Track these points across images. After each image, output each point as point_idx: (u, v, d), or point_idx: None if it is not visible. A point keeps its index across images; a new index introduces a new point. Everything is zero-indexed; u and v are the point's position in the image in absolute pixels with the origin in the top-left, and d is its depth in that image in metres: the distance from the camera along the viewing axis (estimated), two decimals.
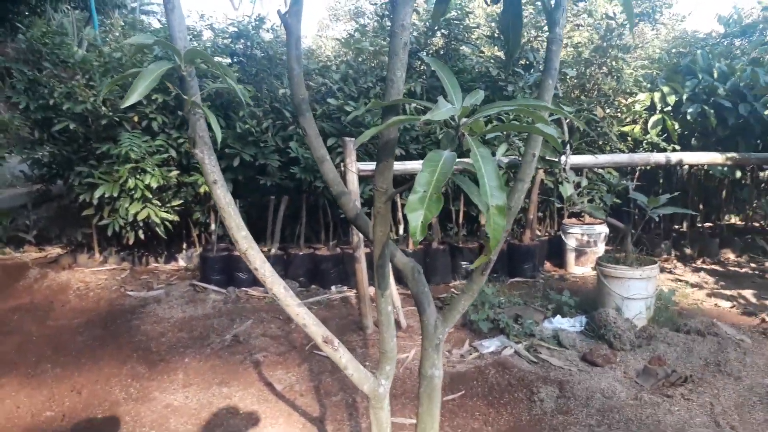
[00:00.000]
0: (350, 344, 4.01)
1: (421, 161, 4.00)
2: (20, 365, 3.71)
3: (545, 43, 5.97)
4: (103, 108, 5.19)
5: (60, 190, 6.20)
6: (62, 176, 5.66)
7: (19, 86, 5.16)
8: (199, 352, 3.95)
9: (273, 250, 5.46)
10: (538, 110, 1.35)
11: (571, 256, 5.88)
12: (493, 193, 1.15)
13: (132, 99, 1.21)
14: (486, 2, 1.63)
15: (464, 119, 1.26)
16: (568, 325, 4.11)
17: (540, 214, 6.47)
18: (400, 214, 5.53)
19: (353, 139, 3.96)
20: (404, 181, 5.88)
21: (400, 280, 5.20)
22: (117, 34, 6.67)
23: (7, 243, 5.97)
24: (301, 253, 5.45)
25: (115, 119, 5.27)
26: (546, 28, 6.43)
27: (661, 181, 6.53)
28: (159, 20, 12.34)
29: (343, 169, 3.94)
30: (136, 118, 5.38)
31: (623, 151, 6.06)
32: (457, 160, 1.20)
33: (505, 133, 4.58)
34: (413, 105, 3.35)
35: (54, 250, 6.03)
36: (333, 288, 5.34)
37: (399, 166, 3.92)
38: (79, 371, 3.65)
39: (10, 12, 11.40)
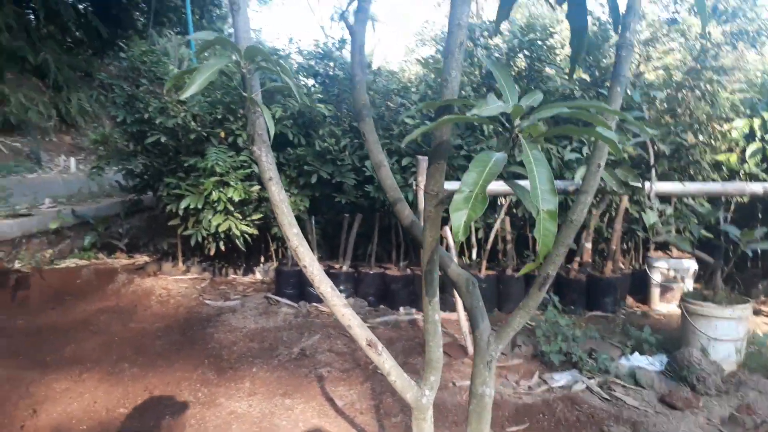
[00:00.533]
0: (414, 367, 3.95)
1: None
2: (102, 363, 3.92)
3: (633, 65, 5.67)
4: (193, 123, 5.48)
5: (150, 201, 6.58)
6: (152, 187, 6.00)
7: (118, 101, 5.55)
8: (266, 362, 4.02)
9: (344, 268, 5.50)
10: (601, 113, 1.28)
11: (655, 292, 5.53)
12: (544, 196, 1.09)
13: (190, 90, 1.25)
14: (550, 4, 1.58)
15: (518, 121, 1.21)
16: (647, 363, 3.85)
17: (624, 245, 6.16)
18: (474, 238, 5.42)
19: (426, 157, 3.94)
20: None
21: None
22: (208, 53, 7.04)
23: (101, 249, 6.38)
24: (371, 272, 5.46)
25: (204, 134, 5.54)
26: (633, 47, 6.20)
27: (760, 215, 6.05)
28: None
29: (415, 187, 3.93)
30: (223, 134, 5.63)
31: (716, 181, 5.68)
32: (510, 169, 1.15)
33: (585, 155, 4.41)
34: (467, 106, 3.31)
35: (142, 258, 6.37)
36: (401, 309, 5.30)
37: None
38: (154, 372, 3.80)
39: (119, 36, 12.38)
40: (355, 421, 3.18)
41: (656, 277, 5.49)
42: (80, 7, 12.75)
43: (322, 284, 1.46)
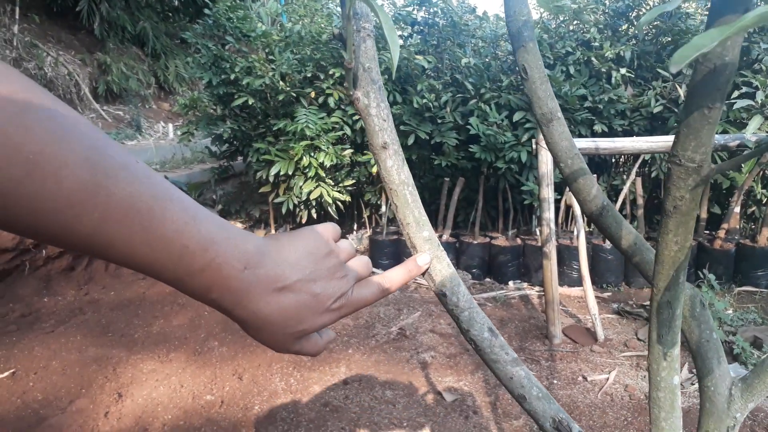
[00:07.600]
0: (533, 354, 3.40)
1: (630, 139, 3.21)
2: (189, 341, 3.67)
3: None
4: (281, 83, 5.08)
5: (240, 167, 6.34)
6: (242, 152, 5.73)
7: (204, 61, 5.24)
8: (363, 343, 3.62)
9: (444, 237, 4.97)
10: None
11: None
12: None
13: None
14: None
15: None
16: None
17: None
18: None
19: None
20: (603, 163, 5.02)
21: (593, 279, 4.42)
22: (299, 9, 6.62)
23: None
24: (475, 242, 4.89)
25: (293, 95, 5.14)
26: None
27: None
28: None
29: (534, 146, 3.31)
30: (313, 94, 5.22)
31: None
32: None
33: (759, 102, 3.56)
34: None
35: (235, 225, 6.17)
36: (510, 283, 4.71)
37: (607, 143, 3.16)
38: (243, 353, 3.50)
39: (214, 1, 12.30)
40: (468, 423, 2.69)
41: None
42: None
43: (474, 325, 0.85)
